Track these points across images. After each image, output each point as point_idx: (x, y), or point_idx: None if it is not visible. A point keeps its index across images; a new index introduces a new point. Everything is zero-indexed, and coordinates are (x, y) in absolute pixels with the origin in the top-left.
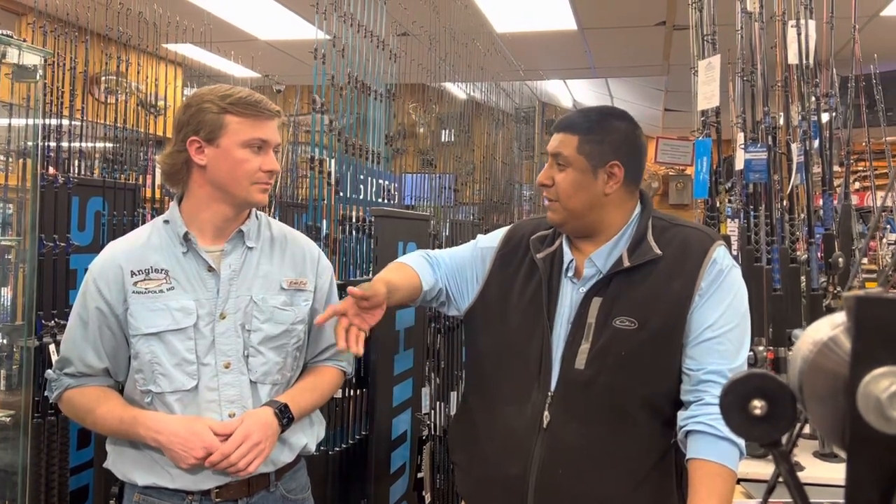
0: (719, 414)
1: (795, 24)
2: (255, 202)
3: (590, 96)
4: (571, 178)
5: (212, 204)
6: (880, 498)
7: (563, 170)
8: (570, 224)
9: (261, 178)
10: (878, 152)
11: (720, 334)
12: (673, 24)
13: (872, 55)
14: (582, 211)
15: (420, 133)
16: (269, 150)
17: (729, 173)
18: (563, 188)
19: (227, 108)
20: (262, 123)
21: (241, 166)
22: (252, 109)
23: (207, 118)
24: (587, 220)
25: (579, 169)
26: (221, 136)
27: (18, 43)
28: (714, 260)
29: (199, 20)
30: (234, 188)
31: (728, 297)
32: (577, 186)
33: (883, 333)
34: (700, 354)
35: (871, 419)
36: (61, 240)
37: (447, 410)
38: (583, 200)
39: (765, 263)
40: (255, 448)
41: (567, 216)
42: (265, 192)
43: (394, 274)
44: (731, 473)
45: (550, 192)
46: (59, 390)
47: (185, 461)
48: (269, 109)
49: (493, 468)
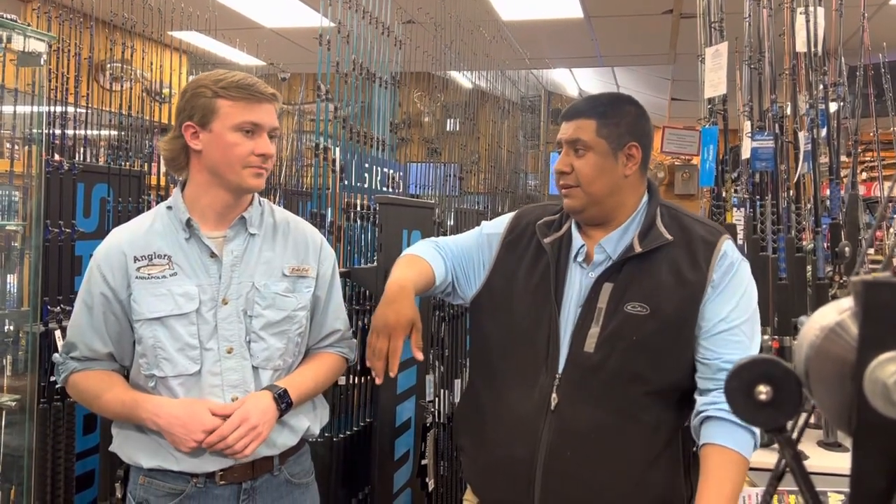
0: None
1: (804, 11)
2: (249, 187)
3: (596, 85)
4: (593, 162)
5: (210, 189)
6: (886, 482)
7: (582, 155)
8: (589, 210)
9: (253, 161)
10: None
11: (734, 326)
12: (680, 13)
13: (881, 44)
14: (603, 195)
15: (425, 122)
16: (262, 134)
17: (735, 163)
18: (585, 173)
19: (220, 92)
20: (254, 106)
21: (233, 150)
22: (243, 92)
23: (200, 102)
24: (606, 205)
25: (600, 152)
26: (214, 120)
27: (23, 28)
28: (724, 252)
29: (204, 7)
30: (228, 172)
31: (741, 290)
32: (600, 170)
33: (890, 318)
34: (716, 345)
35: (877, 404)
36: (67, 226)
37: (451, 398)
38: (605, 184)
39: (771, 253)
40: (252, 431)
41: (587, 202)
42: (259, 177)
43: (413, 272)
44: (744, 461)
45: (569, 179)
46: (65, 373)
47: (184, 444)
48: (261, 92)
49: (499, 452)
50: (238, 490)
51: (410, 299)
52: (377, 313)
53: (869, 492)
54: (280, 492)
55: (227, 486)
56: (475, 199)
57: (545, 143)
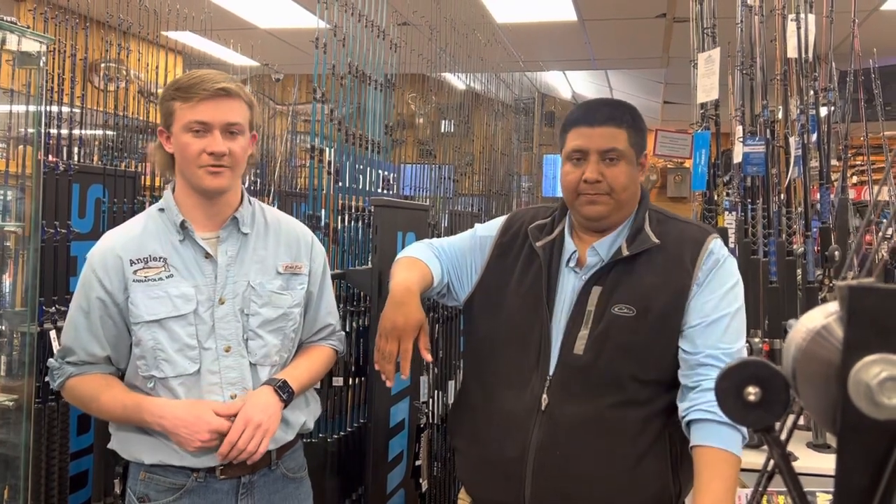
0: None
1: (795, 17)
2: (206, 187)
3: (589, 88)
4: (626, 171)
5: (189, 192)
6: (870, 481)
7: (615, 164)
8: (611, 218)
9: (204, 160)
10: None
11: (716, 318)
12: (673, 17)
13: (872, 50)
14: (627, 202)
15: (419, 123)
16: (213, 132)
17: (727, 166)
18: (620, 182)
19: (173, 94)
20: (203, 104)
21: (185, 150)
22: (191, 91)
23: (164, 107)
24: (625, 212)
25: (630, 161)
26: (173, 122)
27: (21, 29)
28: (710, 251)
29: (198, 8)
30: (187, 174)
31: (725, 284)
32: (631, 179)
33: (874, 322)
34: (697, 338)
35: (861, 405)
36: (62, 227)
37: (445, 399)
38: (633, 192)
39: (762, 256)
40: (258, 430)
41: (614, 209)
42: (217, 176)
43: (415, 274)
44: (734, 458)
45: (601, 187)
46: (62, 378)
47: (190, 444)
48: (207, 89)
49: (491, 451)
50: (237, 484)
51: (417, 301)
52: (384, 316)
53: (853, 489)
54: (276, 486)
55: (226, 480)
56: (469, 201)
57: (539, 146)
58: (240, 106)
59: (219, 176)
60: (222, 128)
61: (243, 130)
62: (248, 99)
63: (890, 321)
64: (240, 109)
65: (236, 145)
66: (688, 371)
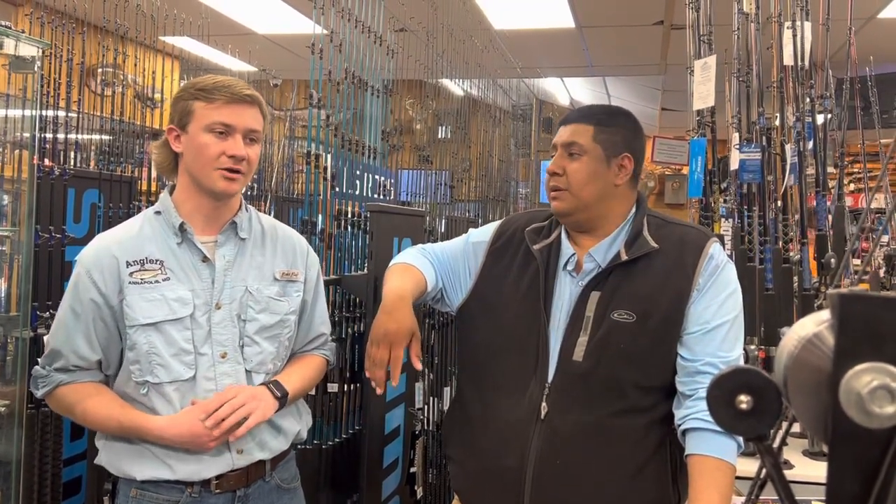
0: None
1: (791, 25)
2: (219, 190)
3: (587, 94)
4: (586, 167)
5: (193, 194)
6: (861, 489)
7: (577, 159)
8: (576, 215)
9: (223, 163)
10: (872, 154)
11: (716, 326)
12: (671, 24)
13: (868, 57)
14: (591, 201)
15: (417, 129)
16: (235, 136)
17: (724, 173)
18: (577, 177)
19: (196, 93)
20: (227, 107)
21: (204, 151)
22: (215, 93)
23: (180, 105)
24: (593, 212)
25: (595, 158)
26: (190, 121)
27: (16, 34)
28: (711, 255)
29: (196, 13)
30: (200, 175)
31: (725, 291)
32: (592, 175)
33: (865, 330)
34: (695, 345)
35: (852, 413)
36: (57, 231)
37: (440, 405)
38: (595, 190)
39: (758, 263)
40: (239, 407)
41: (575, 206)
42: (231, 181)
43: (409, 281)
44: (729, 466)
45: (560, 181)
46: (50, 387)
47: (205, 446)
48: (234, 93)
49: (489, 461)
50: (232, 497)
51: (409, 308)
52: (376, 323)
53: (844, 498)
54: (271, 497)
55: (221, 494)
56: (466, 207)
57: (536, 152)
58: (259, 115)
59: (233, 181)
60: (244, 133)
61: (260, 139)
62: (266, 110)
63: (881, 329)
64: (259, 118)
65: (253, 152)
66: (685, 378)
